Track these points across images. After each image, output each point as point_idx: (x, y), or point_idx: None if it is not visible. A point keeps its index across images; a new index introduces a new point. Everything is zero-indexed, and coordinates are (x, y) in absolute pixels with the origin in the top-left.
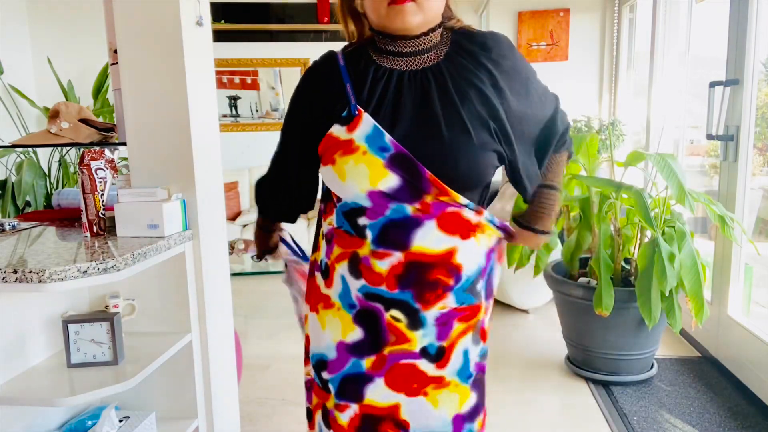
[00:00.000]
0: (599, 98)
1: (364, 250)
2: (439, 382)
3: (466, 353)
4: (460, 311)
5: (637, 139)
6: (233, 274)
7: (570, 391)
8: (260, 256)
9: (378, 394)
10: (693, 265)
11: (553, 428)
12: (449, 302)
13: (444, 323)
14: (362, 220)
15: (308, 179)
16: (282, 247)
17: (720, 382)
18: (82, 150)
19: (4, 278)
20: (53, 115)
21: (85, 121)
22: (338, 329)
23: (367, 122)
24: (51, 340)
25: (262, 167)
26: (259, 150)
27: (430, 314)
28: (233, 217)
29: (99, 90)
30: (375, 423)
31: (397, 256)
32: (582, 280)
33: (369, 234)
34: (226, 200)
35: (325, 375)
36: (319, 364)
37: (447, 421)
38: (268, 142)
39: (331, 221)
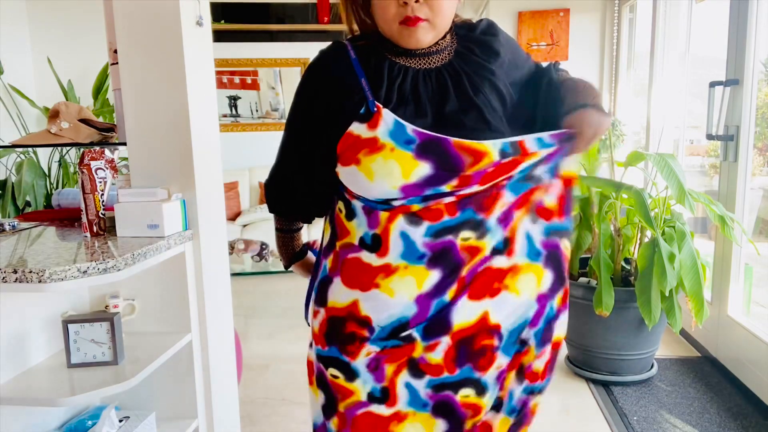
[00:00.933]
0: None
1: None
2: (514, 269)
3: (528, 235)
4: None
5: (637, 139)
6: (233, 274)
7: (570, 391)
8: (287, 266)
9: (464, 313)
10: (693, 265)
11: (553, 428)
12: (507, 198)
13: (504, 218)
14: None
15: (322, 179)
16: (311, 255)
17: (720, 382)
18: (82, 150)
19: (4, 278)
20: (53, 115)
21: (85, 121)
22: (413, 285)
23: (387, 118)
24: (51, 340)
25: (262, 167)
26: (259, 150)
27: (493, 217)
28: (233, 217)
29: (99, 90)
30: (469, 343)
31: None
32: (582, 280)
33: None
34: (226, 200)
35: (403, 333)
36: (398, 328)
37: (532, 302)
38: (268, 142)
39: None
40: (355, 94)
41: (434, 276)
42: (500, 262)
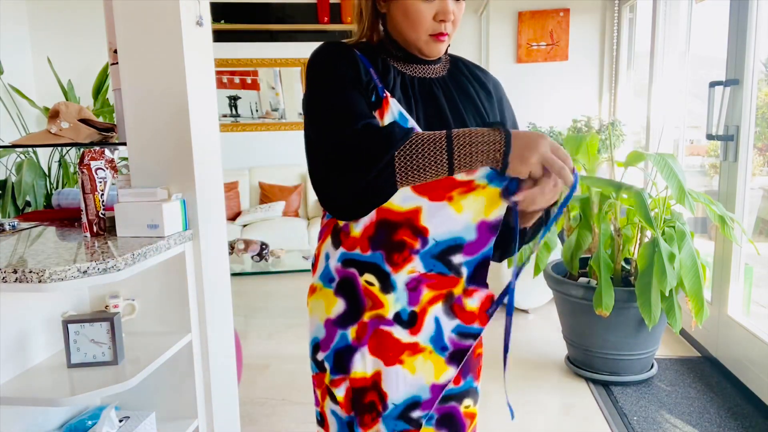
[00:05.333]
0: (599, 98)
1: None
2: (413, 348)
3: (437, 320)
4: (428, 278)
5: (637, 139)
6: (233, 274)
7: (570, 391)
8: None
9: (363, 365)
10: (693, 265)
11: (553, 428)
12: (417, 266)
13: (413, 288)
14: None
15: None
16: None
17: (720, 382)
18: (82, 150)
19: (4, 278)
20: (53, 115)
21: (85, 121)
22: (323, 308)
23: (393, 107)
24: (51, 340)
25: (262, 167)
26: (259, 150)
27: (400, 277)
28: (233, 217)
29: (99, 90)
30: (360, 394)
31: (370, 216)
32: (582, 280)
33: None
34: (226, 200)
35: (320, 356)
36: (315, 348)
37: (424, 386)
38: (268, 142)
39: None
40: (366, 81)
41: (340, 304)
42: (400, 333)
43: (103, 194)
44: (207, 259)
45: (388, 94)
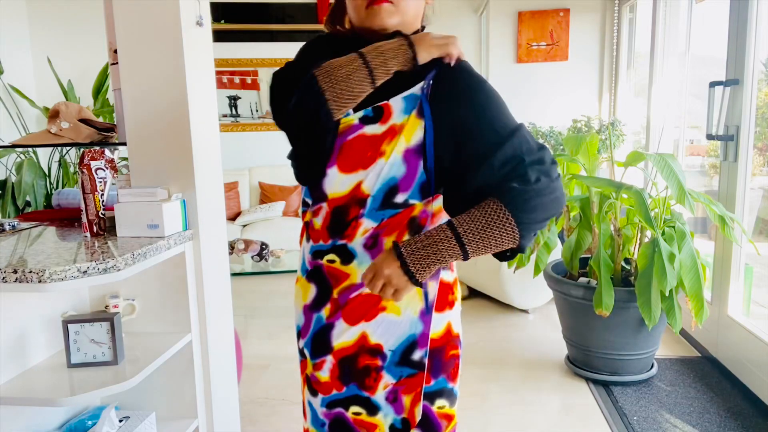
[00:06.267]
0: (599, 98)
1: (308, 215)
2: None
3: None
4: (382, 227)
5: (637, 139)
6: (233, 274)
7: (570, 391)
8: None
9: (343, 334)
10: (693, 265)
11: (553, 428)
12: (367, 225)
13: (372, 245)
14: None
15: None
16: None
17: (720, 382)
18: (82, 150)
19: (4, 278)
20: (53, 115)
21: (85, 121)
22: (301, 295)
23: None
24: (51, 340)
25: (262, 167)
26: (259, 150)
27: (356, 243)
28: (233, 217)
29: (99, 90)
30: (351, 362)
31: (323, 208)
32: (582, 280)
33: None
34: (226, 200)
35: (300, 344)
36: (297, 335)
37: (414, 319)
38: (268, 142)
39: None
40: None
41: (313, 290)
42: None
43: (103, 194)
44: (207, 259)
45: None
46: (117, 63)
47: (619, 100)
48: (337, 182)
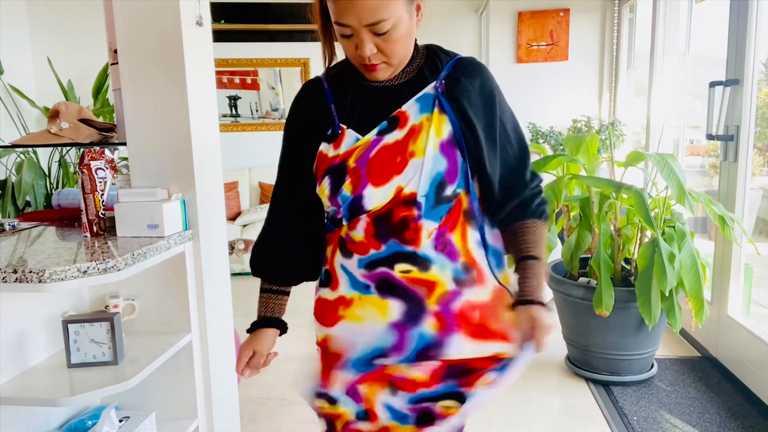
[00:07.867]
0: (599, 98)
1: (343, 230)
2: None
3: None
4: (444, 224)
5: (637, 139)
6: (233, 274)
7: (570, 391)
8: (258, 325)
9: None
10: (693, 265)
11: (553, 428)
12: (428, 227)
13: (441, 245)
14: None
15: (318, 216)
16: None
17: (720, 382)
18: (82, 150)
19: (4, 278)
20: (53, 115)
21: (85, 121)
22: (377, 313)
23: (350, 136)
24: (51, 340)
25: (262, 167)
26: (259, 150)
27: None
28: (233, 217)
29: (99, 90)
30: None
31: (363, 218)
32: (582, 280)
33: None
34: (226, 200)
35: (390, 360)
36: (377, 356)
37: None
38: (268, 142)
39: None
40: (328, 120)
41: (395, 304)
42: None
43: (103, 194)
44: (207, 259)
45: (344, 129)
46: (117, 63)
47: (619, 100)
48: (376, 197)
